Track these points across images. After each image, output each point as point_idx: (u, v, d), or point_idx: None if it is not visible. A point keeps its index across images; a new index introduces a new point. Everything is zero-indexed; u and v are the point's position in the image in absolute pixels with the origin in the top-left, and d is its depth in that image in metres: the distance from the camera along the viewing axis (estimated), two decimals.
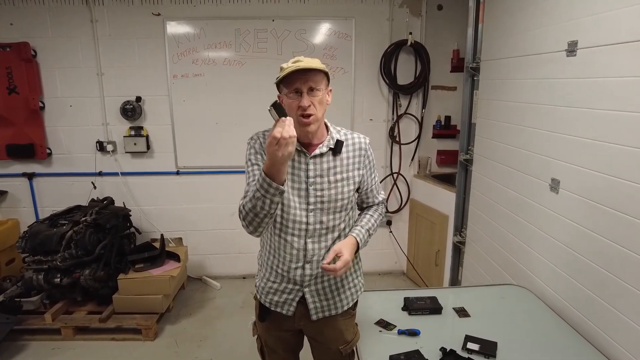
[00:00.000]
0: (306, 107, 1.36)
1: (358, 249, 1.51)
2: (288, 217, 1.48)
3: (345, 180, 1.50)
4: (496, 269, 2.59)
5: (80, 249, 3.00)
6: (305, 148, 1.47)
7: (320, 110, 1.41)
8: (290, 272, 1.53)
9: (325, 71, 1.41)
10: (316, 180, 1.47)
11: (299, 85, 1.37)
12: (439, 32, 3.59)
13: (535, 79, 2.16)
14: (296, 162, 1.47)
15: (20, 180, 3.69)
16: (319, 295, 1.57)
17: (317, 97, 1.38)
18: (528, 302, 2.08)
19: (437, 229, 3.44)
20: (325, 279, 1.56)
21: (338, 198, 1.49)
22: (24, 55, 3.35)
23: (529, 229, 2.23)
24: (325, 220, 1.50)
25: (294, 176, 1.47)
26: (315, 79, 1.37)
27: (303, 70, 1.35)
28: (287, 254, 1.52)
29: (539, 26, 2.13)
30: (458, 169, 3.10)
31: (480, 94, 2.83)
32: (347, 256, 1.41)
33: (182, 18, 3.41)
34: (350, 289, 1.64)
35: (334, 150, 1.48)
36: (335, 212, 1.50)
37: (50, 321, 3.00)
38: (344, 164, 1.50)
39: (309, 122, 1.39)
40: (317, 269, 1.53)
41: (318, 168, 1.47)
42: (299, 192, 1.47)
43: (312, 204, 1.47)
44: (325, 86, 1.42)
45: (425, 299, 2.03)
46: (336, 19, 3.47)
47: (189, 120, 3.61)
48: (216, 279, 3.91)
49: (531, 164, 2.20)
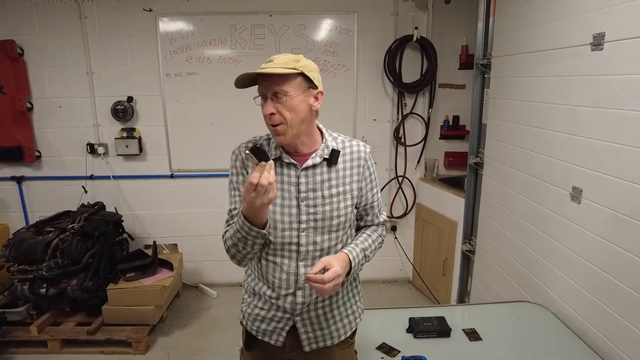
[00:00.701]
0: (268, 115, 1.19)
1: (351, 269, 1.29)
2: (276, 240, 1.29)
3: (341, 194, 1.30)
4: (509, 282, 2.39)
5: (67, 258, 2.85)
6: (294, 159, 1.29)
7: (292, 118, 1.19)
8: (279, 299, 1.35)
9: (299, 72, 1.19)
10: (308, 195, 1.28)
11: (262, 90, 1.20)
12: (446, 27, 3.40)
13: (554, 76, 1.96)
14: (285, 175, 1.28)
15: (9, 184, 3.55)
16: (312, 324, 1.38)
17: (282, 103, 1.18)
18: (546, 323, 1.89)
19: (445, 236, 3.25)
20: (319, 305, 1.37)
21: (334, 215, 1.30)
22: (9, 53, 3.20)
23: (546, 241, 2.03)
24: (319, 240, 1.30)
25: (283, 192, 1.28)
26: (280, 82, 1.17)
27: (264, 74, 1.18)
28: (276, 279, 1.33)
29: (559, 18, 1.92)
30: (467, 173, 2.91)
31: (491, 93, 2.63)
32: (339, 268, 1.19)
33: (175, 14, 3.24)
34: (348, 316, 1.44)
35: (329, 160, 1.29)
36: (330, 231, 1.31)
37: (36, 333, 2.85)
38: (340, 175, 1.31)
39: (277, 131, 1.21)
40: (310, 296, 1.34)
41: (310, 181, 1.28)
42: (289, 209, 1.28)
43: (304, 223, 1.28)
44: (300, 90, 1.20)
45: (432, 319, 1.85)
46: (338, 14, 3.28)
47: (183, 121, 3.44)
48: (213, 286, 3.74)
49: (550, 170, 2.00)
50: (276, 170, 1.27)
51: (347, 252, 1.29)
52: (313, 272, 1.17)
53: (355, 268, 1.30)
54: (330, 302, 1.38)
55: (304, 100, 1.21)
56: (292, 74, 1.18)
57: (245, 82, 1.22)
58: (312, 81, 1.21)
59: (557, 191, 1.94)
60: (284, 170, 1.28)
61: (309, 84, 1.22)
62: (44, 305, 2.97)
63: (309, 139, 1.29)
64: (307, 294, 1.33)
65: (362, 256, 1.33)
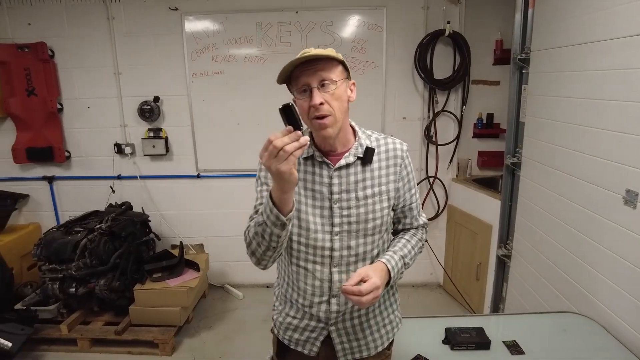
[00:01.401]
0: (317, 105, 1.09)
1: (390, 280, 1.19)
2: (308, 242, 1.22)
3: (377, 195, 1.22)
4: (550, 290, 2.24)
5: (95, 258, 2.86)
6: (327, 158, 1.20)
7: (339, 109, 1.12)
8: (313, 307, 1.27)
9: (339, 59, 1.14)
10: (342, 196, 1.20)
11: (307, 80, 1.10)
12: (479, 21, 3.24)
13: (604, 69, 1.81)
14: (317, 175, 1.20)
15: (41, 184, 3.61)
16: (348, 334, 1.30)
17: (329, 92, 1.10)
18: (596, 337, 1.75)
19: (478, 240, 3.10)
20: (355, 315, 1.29)
21: (369, 218, 1.21)
22: (41, 55, 3.24)
23: (595, 248, 1.88)
24: (353, 245, 1.22)
25: (315, 193, 1.20)
26: (326, 68, 1.10)
27: (309, 61, 1.09)
28: (309, 286, 1.26)
29: (607, 6, 1.77)
30: (504, 174, 2.76)
31: (530, 89, 2.48)
32: (377, 280, 1.10)
33: (200, 12, 3.21)
34: (386, 326, 1.36)
35: (363, 159, 1.20)
36: (366, 235, 1.22)
37: (66, 332, 2.88)
38: (375, 175, 1.22)
39: (324, 125, 1.11)
40: (346, 305, 1.26)
41: (344, 182, 1.20)
42: (321, 211, 1.20)
43: (338, 226, 1.20)
44: (342, 78, 1.14)
45: (469, 330, 1.73)
46: (366, 9, 3.17)
47: (209, 120, 3.41)
48: (238, 287, 3.71)
49: (598, 171, 1.85)
50: (307, 169, 1.21)
51: (385, 261, 1.19)
52: (350, 283, 1.08)
53: (394, 278, 1.20)
54: (367, 312, 1.30)
55: (345, 90, 1.16)
56: (335, 62, 1.13)
57: (284, 77, 1.15)
58: (349, 71, 1.18)
59: (607, 194, 1.79)
60: (316, 170, 1.21)
61: (347, 73, 1.17)
62: (73, 304, 2.99)
63: (344, 136, 1.21)
64: (342, 302, 1.25)
65: (402, 264, 1.23)
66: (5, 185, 3.57)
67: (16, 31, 3.27)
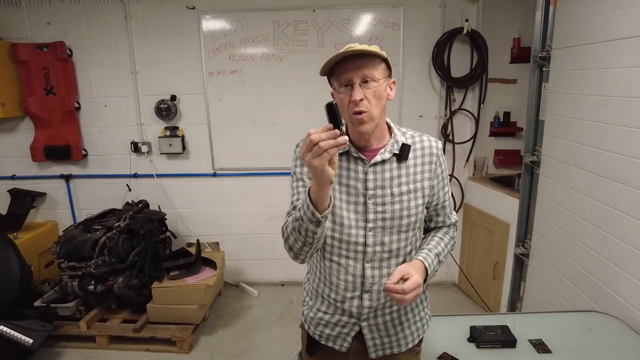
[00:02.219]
0: (358, 101, 1.09)
1: (427, 278, 1.20)
2: (342, 238, 1.22)
3: (412, 192, 1.22)
4: (571, 289, 2.23)
5: (114, 256, 2.88)
6: (363, 154, 1.21)
7: (377, 106, 1.13)
8: (345, 302, 1.28)
9: (384, 57, 1.14)
10: (377, 192, 1.20)
11: (350, 76, 1.10)
12: (497, 19, 3.23)
13: (630, 67, 1.80)
14: (352, 171, 1.21)
15: (58, 182, 3.64)
16: (379, 330, 1.30)
17: (371, 89, 1.11)
18: (622, 336, 1.73)
19: (495, 239, 3.09)
20: (387, 311, 1.29)
21: (404, 215, 1.21)
22: (60, 54, 3.27)
23: (619, 246, 1.87)
24: (387, 241, 1.22)
25: (350, 188, 1.21)
26: (370, 66, 1.11)
27: (355, 56, 1.09)
28: (341, 281, 1.26)
29: (637, 2, 1.76)
30: (522, 172, 2.74)
31: (550, 87, 2.47)
32: (419, 277, 1.11)
33: (217, 11, 3.22)
34: (416, 322, 1.36)
35: (399, 156, 1.21)
36: (400, 231, 1.22)
37: (85, 329, 2.91)
38: (410, 172, 1.22)
39: (361, 120, 1.12)
40: (378, 300, 1.26)
41: (379, 178, 1.20)
42: (355, 206, 1.21)
43: (372, 222, 1.20)
44: (384, 76, 1.15)
45: (495, 328, 1.73)
46: (382, 7, 3.17)
47: (226, 119, 3.42)
48: (254, 285, 3.72)
49: (623, 169, 1.83)
50: (343, 164, 1.21)
51: (421, 259, 1.20)
52: (391, 281, 1.08)
53: (430, 275, 1.21)
54: (399, 308, 1.31)
55: (385, 88, 1.17)
56: (379, 60, 1.13)
57: (327, 69, 1.15)
58: (390, 69, 1.18)
59: (631, 192, 1.77)
60: (351, 165, 1.21)
61: (389, 71, 1.18)
62: (92, 301, 3.02)
63: (380, 133, 1.22)
64: (374, 298, 1.26)
65: (437, 262, 1.24)
66: (23, 183, 3.61)
67: (35, 31, 3.31)
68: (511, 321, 1.83)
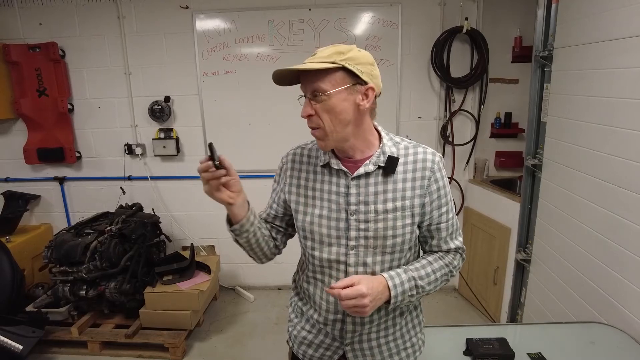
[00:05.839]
0: (303, 116, 1.07)
1: (390, 300, 1.06)
2: (322, 255, 1.15)
3: (399, 210, 1.10)
4: (573, 297, 2.15)
5: (105, 261, 2.83)
6: (345, 165, 1.13)
7: (332, 121, 1.03)
8: (327, 324, 1.20)
9: (339, 66, 1.01)
10: (359, 208, 1.10)
11: (303, 89, 1.07)
12: (498, 18, 3.14)
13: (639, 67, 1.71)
14: (334, 184, 1.13)
15: (52, 185, 3.59)
16: (365, 356, 1.22)
17: (320, 104, 1.03)
18: (627, 350, 1.65)
19: (496, 243, 3.01)
20: (373, 336, 1.20)
21: (388, 235, 1.10)
22: (52, 55, 3.22)
23: (624, 255, 1.78)
24: (370, 262, 1.12)
25: (331, 203, 1.13)
26: (319, 77, 1.01)
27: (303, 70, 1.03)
28: (323, 301, 1.19)
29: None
30: (524, 176, 2.66)
31: (552, 88, 2.38)
32: (364, 289, 0.99)
33: (211, 10, 3.15)
34: (407, 349, 1.26)
35: (385, 169, 1.10)
36: (384, 252, 1.12)
37: (76, 334, 2.85)
38: (398, 188, 1.10)
39: (315, 136, 1.09)
40: (362, 325, 1.18)
41: (362, 192, 1.10)
42: (337, 223, 1.12)
43: (354, 240, 1.12)
44: (342, 86, 1.02)
45: (492, 341, 1.65)
46: (380, 6, 3.09)
47: (221, 121, 3.36)
48: (250, 289, 3.66)
49: (630, 175, 1.75)
50: (324, 178, 1.14)
51: (387, 277, 1.08)
52: (338, 285, 1.02)
53: (398, 298, 1.07)
54: (387, 334, 1.22)
55: (346, 99, 1.03)
56: (332, 69, 1.00)
57: (288, 79, 1.08)
58: (358, 76, 1.02)
59: (638, 198, 1.69)
60: (333, 179, 1.13)
61: (355, 79, 1.03)
62: (84, 306, 2.97)
63: (362, 143, 1.12)
64: (357, 322, 1.17)
65: (412, 286, 1.09)
66: (17, 185, 3.57)
67: (27, 31, 3.26)
68: (510, 333, 1.76)
